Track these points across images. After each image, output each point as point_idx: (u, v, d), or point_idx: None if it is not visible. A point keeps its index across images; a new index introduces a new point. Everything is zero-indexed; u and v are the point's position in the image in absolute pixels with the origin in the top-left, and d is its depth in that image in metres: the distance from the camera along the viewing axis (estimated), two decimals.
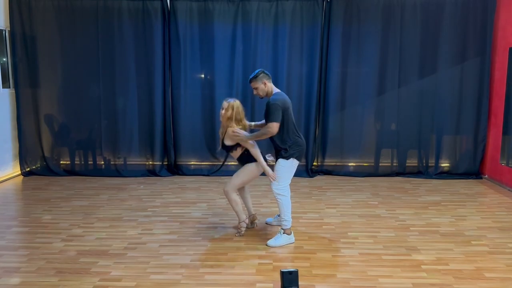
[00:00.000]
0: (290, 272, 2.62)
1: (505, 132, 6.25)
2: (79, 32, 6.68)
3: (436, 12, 6.55)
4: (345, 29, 6.63)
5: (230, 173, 6.86)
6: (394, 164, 6.91)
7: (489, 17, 6.47)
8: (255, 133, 4.09)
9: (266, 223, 4.69)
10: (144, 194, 5.85)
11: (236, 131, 4.06)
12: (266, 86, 4.08)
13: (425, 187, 6.24)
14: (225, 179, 6.68)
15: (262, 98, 4.18)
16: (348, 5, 6.59)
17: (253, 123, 4.46)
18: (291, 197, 4.20)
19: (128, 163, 6.98)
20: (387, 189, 6.15)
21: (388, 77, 6.71)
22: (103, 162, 6.97)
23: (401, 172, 6.88)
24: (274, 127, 3.97)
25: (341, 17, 6.61)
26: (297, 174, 6.77)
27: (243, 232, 4.34)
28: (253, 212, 4.58)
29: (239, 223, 4.33)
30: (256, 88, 4.09)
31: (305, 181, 6.56)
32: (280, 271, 2.64)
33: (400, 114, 6.79)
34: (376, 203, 5.48)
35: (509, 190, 6.00)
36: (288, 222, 4.13)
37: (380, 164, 6.92)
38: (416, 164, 6.91)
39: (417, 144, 6.85)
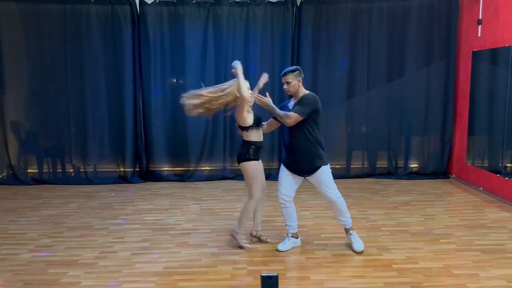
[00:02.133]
0: (269, 277, 2.65)
1: (470, 133, 6.46)
2: (46, 37, 6.51)
3: (402, 17, 6.71)
4: (315, 33, 6.71)
5: (203, 178, 6.87)
6: (365, 166, 7.03)
7: (452, 22, 6.68)
8: (279, 110, 3.93)
9: (278, 251, 4.06)
10: (115, 202, 5.75)
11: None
12: (299, 85, 3.98)
13: (395, 188, 6.37)
14: (199, 184, 6.63)
15: (290, 95, 4.04)
16: (317, 10, 6.67)
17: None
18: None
19: (98, 170, 6.83)
20: (358, 190, 6.25)
21: (357, 80, 6.82)
22: (72, 170, 6.80)
23: (372, 173, 7.00)
24: (294, 118, 3.83)
25: (311, 22, 6.68)
26: (271, 177, 6.88)
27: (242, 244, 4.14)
28: (260, 229, 4.26)
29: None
30: (289, 83, 3.93)
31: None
32: (261, 275, 2.66)
33: (369, 117, 6.91)
34: (348, 204, 5.54)
35: (475, 189, 6.19)
36: (350, 220, 4.12)
37: (351, 166, 7.02)
38: (386, 165, 7.04)
39: (387, 146, 6.99)
